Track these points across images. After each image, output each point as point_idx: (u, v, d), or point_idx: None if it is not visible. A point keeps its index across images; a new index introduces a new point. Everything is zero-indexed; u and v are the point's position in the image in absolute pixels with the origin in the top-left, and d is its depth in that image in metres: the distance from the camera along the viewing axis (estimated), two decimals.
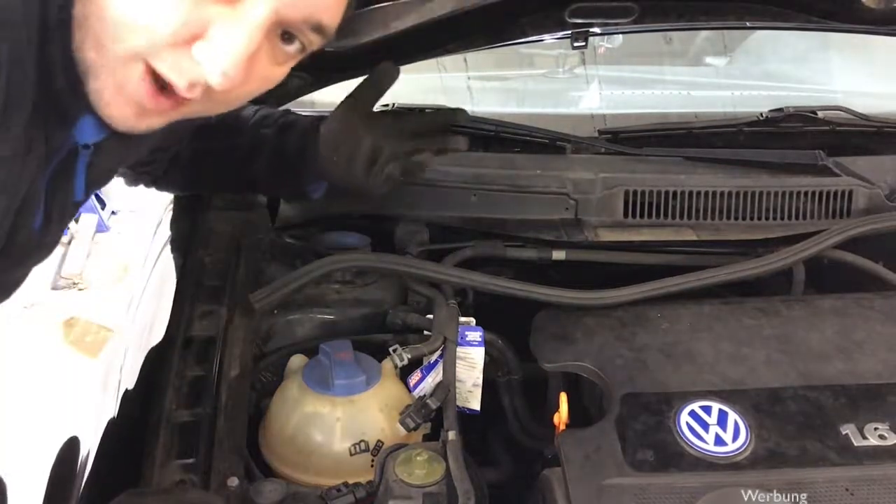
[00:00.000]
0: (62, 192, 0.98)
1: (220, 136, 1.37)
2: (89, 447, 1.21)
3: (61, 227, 1.03)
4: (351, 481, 1.12)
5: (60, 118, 0.91)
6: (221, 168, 1.40)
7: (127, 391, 1.27)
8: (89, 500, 1.12)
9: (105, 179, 1.12)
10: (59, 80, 0.86)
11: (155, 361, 1.27)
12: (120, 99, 0.85)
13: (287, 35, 0.88)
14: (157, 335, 1.32)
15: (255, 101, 1.40)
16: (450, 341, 1.26)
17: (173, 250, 1.55)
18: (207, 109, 0.93)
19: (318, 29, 0.88)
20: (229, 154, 1.38)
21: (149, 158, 1.30)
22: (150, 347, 1.32)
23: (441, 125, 1.35)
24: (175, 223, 1.61)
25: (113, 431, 1.21)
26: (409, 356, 1.23)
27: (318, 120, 1.33)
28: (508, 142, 1.68)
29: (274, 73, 0.91)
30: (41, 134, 0.88)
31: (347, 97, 1.30)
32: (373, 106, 1.30)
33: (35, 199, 0.94)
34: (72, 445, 1.27)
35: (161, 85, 0.85)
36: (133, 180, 1.41)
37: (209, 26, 0.81)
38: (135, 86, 0.84)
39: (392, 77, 1.25)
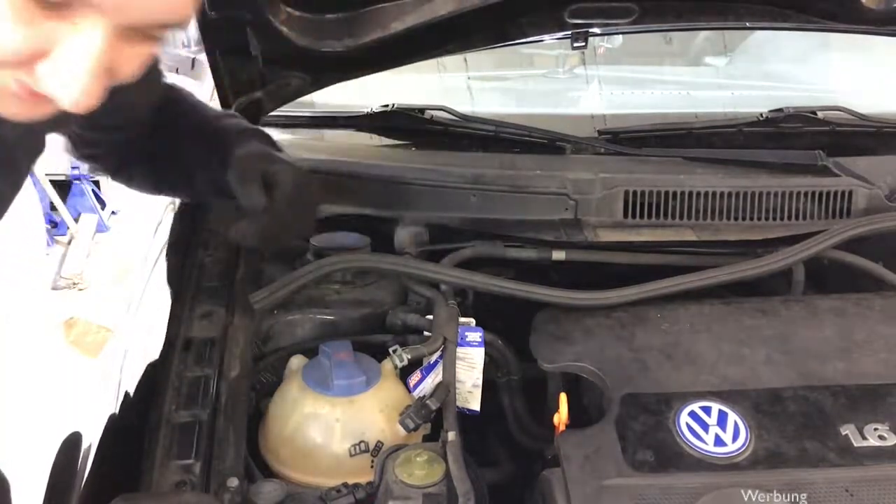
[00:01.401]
0: None
1: (170, 137, 1.32)
2: (90, 441, 1.21)
3: None
4: (351, 482, 1.12)
5: None
6: (167, 171, 1.36)
7: (127, 393, 1.27)
8: (88, 501, 1.12)
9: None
10: None
11: (155, 362, 1.27)
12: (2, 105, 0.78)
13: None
14: (158, 336, 1.32)
15: (251, 102, 1.40)
16: (450, 342, 1.26)
17: (172, 251, 1.55)
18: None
19: (166, 28, 0.80)
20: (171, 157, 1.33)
21: (92, 138, 1.25)
22: (150, 350, 1.32)
23: None
24: (174, 224, 1.61)
25: (114, 427, 1.21)
26: (409, 357, 1.23)
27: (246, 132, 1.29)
28: (508, 142, 1.68)
29: (144, 49, 0.80)
30: None
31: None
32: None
33: None
34: (74, 440, 1.27)
35: None
36: (84, 160, 1.35)
37: (52, 46, 0.73)
38: (11, 93, 0.76)
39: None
